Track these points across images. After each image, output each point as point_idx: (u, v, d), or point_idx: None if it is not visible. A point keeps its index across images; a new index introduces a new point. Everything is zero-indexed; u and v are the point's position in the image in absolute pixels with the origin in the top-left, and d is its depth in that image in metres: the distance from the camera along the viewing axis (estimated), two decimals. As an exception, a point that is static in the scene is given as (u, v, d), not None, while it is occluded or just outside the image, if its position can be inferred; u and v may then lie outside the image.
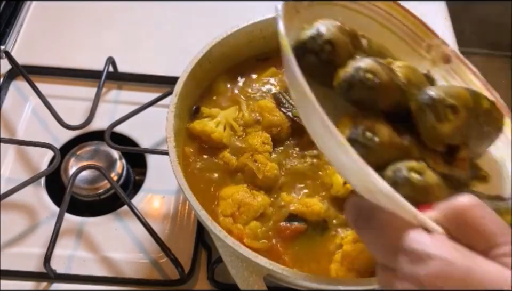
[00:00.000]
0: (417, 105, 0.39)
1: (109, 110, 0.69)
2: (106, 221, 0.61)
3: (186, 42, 0.68)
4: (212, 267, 0.56)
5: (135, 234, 0.60)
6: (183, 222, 0.61)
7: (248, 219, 0.50)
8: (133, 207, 0.58)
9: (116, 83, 0.72)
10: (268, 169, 0.52)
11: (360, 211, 0.35)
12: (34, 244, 0.58)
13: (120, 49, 0.75)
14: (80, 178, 0.61)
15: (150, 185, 0.64)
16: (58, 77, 0.72)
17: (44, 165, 0.64)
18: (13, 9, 0.78)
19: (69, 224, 0.60)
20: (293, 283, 0.47)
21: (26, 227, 0.60)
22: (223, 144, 0.55)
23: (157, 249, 0.57)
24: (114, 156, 0.64)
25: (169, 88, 0.60)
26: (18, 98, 0.70)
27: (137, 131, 0.67)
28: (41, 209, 0.61)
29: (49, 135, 0.67)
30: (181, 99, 0.54)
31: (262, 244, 0.50)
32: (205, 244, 0.59)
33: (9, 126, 0.68)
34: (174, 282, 0.56)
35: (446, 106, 0.39)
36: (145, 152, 0.66)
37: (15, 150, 0.65)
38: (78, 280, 0.56)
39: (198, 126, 0.55)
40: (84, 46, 0.76)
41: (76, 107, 0.69)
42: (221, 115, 0.56)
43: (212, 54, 0.58)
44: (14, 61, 0.70)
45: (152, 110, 0.66)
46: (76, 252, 0.58)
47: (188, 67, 0.56)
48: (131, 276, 0.57)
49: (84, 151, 0.64)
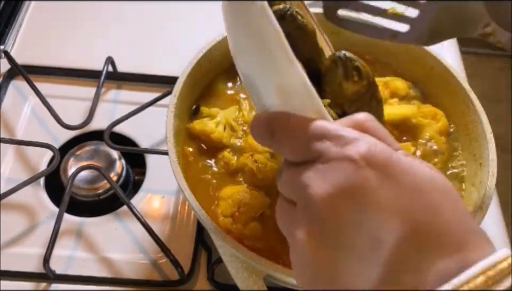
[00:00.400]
0: (332, 59, 0.43)
1: (108, 109, 0.69)
2: (105, 221, 0.60)
3: (186, 42, 0.68)
4: (211, 267, 0.56)
5: (134, 235, 0.59)
6: (182, 222, 0.61)
7: (248, 220, 0.50)
8: (133, 207, 0.58)
9: (115, 83, 0.72)
10: (268, 169, 0.52)
11: (274, 121, 0.34)
12: (34, 245, 0.58)
13: (119, 49, 0.74)
14: (80, 178, 0.61)
15: (149, 185, 0.64)
16: (58, 76, 0.72)
17: (43, 165, 0.64)
18: (12, 8, 0.78)
19: (68, 224, 0.59)
20: (293, 283, 0.46)
21: (25, 228, 0.59)
22: (223, 144, 0.55)
23: (157, 250, 0.57)
24: (114, 157, 0.63)
25: (168, 88, 0.60)
26: (18, 98, 0.70)
27: (137, 131, 0.67)
28: (40, 209, 0.61)
29: (49, 135, 0.67)
30: (181, 99, 0.54)
31: (262, 244, 0.49)
32: (204, 245, 0.59)
33: (8, 126, 0.67)
34: (173, 283, 0.56)
35: (354, 67, 0.43)
36: (145, 152, 0.66)
37: (14, 150, 0.65)
38: (78, 281, 0.56)
39: (198, 126, 0.55)
40: (83, 45, 0.76)
41: (75, 107, 0.69)
42: (220, 115, 0.56)
43: (212, 54, 0.58)
44: (13, 60, 0.70)
45: (151, 110, 0.66)
46: (75, 252, 0.58)
47: (188, 67, 0.56)
48: (130, 276, 0.57)
49: (83, 151, 0.63)
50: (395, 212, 0.28)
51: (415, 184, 0.29)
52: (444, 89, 0.58)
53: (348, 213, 0.28)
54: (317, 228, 0.29)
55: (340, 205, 0.28)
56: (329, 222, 0.29)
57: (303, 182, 0.30)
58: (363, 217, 0.28)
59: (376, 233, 0.28)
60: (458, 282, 0.26)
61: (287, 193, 0.33)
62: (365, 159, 0.29)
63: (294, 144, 0.33)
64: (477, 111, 0.54)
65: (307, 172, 0.31)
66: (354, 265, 0.28)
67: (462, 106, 0.56)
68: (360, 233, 0.28)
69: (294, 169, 0.32)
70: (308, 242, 0.30)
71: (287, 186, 0.33)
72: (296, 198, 0.31)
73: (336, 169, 0.29)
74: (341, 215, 0.28)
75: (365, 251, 0.28)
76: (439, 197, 0.29)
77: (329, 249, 0.29)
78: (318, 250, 0.29)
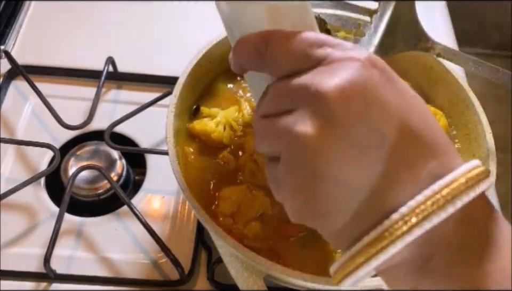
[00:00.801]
0: None
1: (109, 110, 0.69)
2: (106, 221, 0.61)
3: (186, 42, 0.68)
4: (211, 267, 0.56)
5: (134, 234, 0.59)
6: (183, 222, 0.61)
7: (248, 220, 0.50)
8: (133, 207, 0.58)
9: (115, 83, 0.72)
10: (268, 169, 0.52)
11: (268, 34, 0.33)
12: (34, 245, 0.58)
13: (120, 49, 0.75)
14: (80, 178, 0.61)
15: (149, 185, 0.64)
16: (58, 76, 0.72)
17: (43, 165, 0.64)
18: (12, 9, 0.78)
19: (68, 224, 0.59)
20: (293, 283, 0.47)
21: (25, 227, 0.59)
22: (223, 144, 0.55)
23: (157, 249, 0.57)
24: (114, 157, 0.64)
25: (169, 88, 0.60)
26: (18, 98, 0.70)
27: (137, 131, 0.67)
28: (40, 209, 0.61)
29: (49, 135, 0.67)
30: (181, 99, 0.54)
31: (262, 244, 0.49)
32: (205, 245, 0.59)
33: (8, 126, 0.68)
34: (173, 283, 0.56)
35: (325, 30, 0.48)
36: (145, 152, 0.66)
37: (14, 150, 0.65)
38: (78, 280, 0.56)
39: (198, 126, 0.55)
40: (83, 45, 0.76)
41: (75, 107, 0.69)
42: (220, 115, 0.56)
43: (212, 54, 0.58)
44: (13, 60, 0.70)
45: (152, 110, 0.66)
46: (75, 252, 0.58)
47: (188, 67, 0.56)
48: (131, 276, 0.57)
49: (83, 151, 0.63)
50: (396, 111, 0.29)
51: (408, 91, 0.31)
52: (444, 89, 0.58)
53: (356, 106, 0.28)
54: (323, 119, 0.28)
55: (349, 97, 0.28)
56: (337, 113, 0.28)
57: (306, 83, 0.29)
58: (370, 111, 0.28)
59: (381, 128, 0.28)
60: (443, 182, 0.28)
61: (278, 106, 0.31)
62: (369, 60, 0.29)
63: (291, 53, 0.31)
64: (476, 111, 0.54)
65: (308, 76, 0.30)
66: (357, 158, 0.28)
67: (461, 106, 0.56)
68: (366, 126, 0.28)
69: (287, 79, 0.31)
70: (314, 133, 0.28)
71: (281, 97, 0.31)
72: (296, 102, 0.30)
73: (343, 67, 0.29)
74: (349, 107, 0.28)
75: (368, 145, 0.28)
76: (425, 108, 0.31)
77: (336, 139, 0.28)
78: (325, 140, 0.28)
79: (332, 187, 0.29)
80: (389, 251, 0.28)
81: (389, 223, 0.28)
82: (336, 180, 0.29)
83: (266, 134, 0.32)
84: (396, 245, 0.28)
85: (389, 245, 0.28)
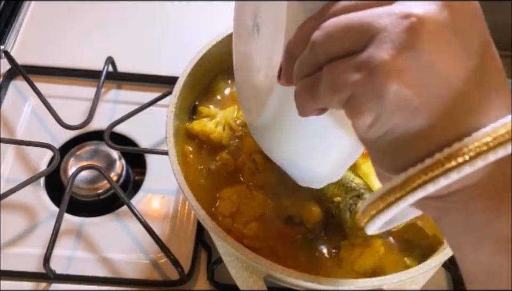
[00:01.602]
0: None
1: (109, 109, 0.69)
2: (105, 221, 0.60)
3: (186, 42, 0.68)
4: (211, 267, 0.56)
5: (134, 235, 0.59)
6: (182, 222, 0.61)
7: (248, 220, 0.50)
8: (133, 207, 0.58)
9: (115, 83, 0.72)
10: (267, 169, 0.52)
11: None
12: (34, 245, 0.58)
13: (119, 49, 0.74)
14: (80, 178, 0.61)
15: (149, 185, 0.64)
16: (58, 76, 0.72)
17: (43, 165, 0.64)
18: (12, 8, 0.78)
19: (68, 224, 0.59)
20: (293, 283, 0.46)
21: (25, 228, 0.59)
22: (222, 144, 0.55)
23: (157, 250, 0.57)
24: (114, 157, 0.63)
25: (168, 88, 0.60)
26: (18, 98, 0.70)
27: (137, 131, 0.67)
28: (40, 209, 0.61)
29: (49, 135, 0.67)
30: (181, 99, 0.54)
31: (262, 244, 0.49)
32: (204, 245, 0.59)
33: (8, 126, 0.67)
34: (173, 283, 0.56)
35: None
36: (145, 152, 0.66)
37: (14, 150, 0.65)
38: (78, 280, 0.56)
39: (197, 126, 0.55)
40: (83, 45, 0.76)
41: (75, 107, 0.69)
42: (220, 115, 0.56)
43: (212, 54, 0.58)
44: (13, 60, 0.70)
45: (151, 110, 0.66)
46: (75, 252, 0.58)
47: (188, 67, 0.56)
48: (130, 276, 0.57)
49: (83, 151, 0.63)
50: (477, 45, 0.29)
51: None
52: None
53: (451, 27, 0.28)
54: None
55: (443, 20, 0.27)
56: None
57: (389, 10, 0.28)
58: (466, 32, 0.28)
59: (479, 35, 0.30)
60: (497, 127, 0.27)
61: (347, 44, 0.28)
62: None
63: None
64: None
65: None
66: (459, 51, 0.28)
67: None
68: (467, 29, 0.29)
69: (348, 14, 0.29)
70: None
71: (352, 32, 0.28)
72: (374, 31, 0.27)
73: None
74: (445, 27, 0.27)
75: (472, 45, 0.29)
76: None
77: (440, 26, 0.27)
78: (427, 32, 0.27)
79: (434, 79, 0.27)
80: (477, 163, 0.26)
81: (478, 135, 0.27)
82: (439, 75, 0.27)
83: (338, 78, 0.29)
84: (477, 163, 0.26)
85: (478, 157, 0.26)
